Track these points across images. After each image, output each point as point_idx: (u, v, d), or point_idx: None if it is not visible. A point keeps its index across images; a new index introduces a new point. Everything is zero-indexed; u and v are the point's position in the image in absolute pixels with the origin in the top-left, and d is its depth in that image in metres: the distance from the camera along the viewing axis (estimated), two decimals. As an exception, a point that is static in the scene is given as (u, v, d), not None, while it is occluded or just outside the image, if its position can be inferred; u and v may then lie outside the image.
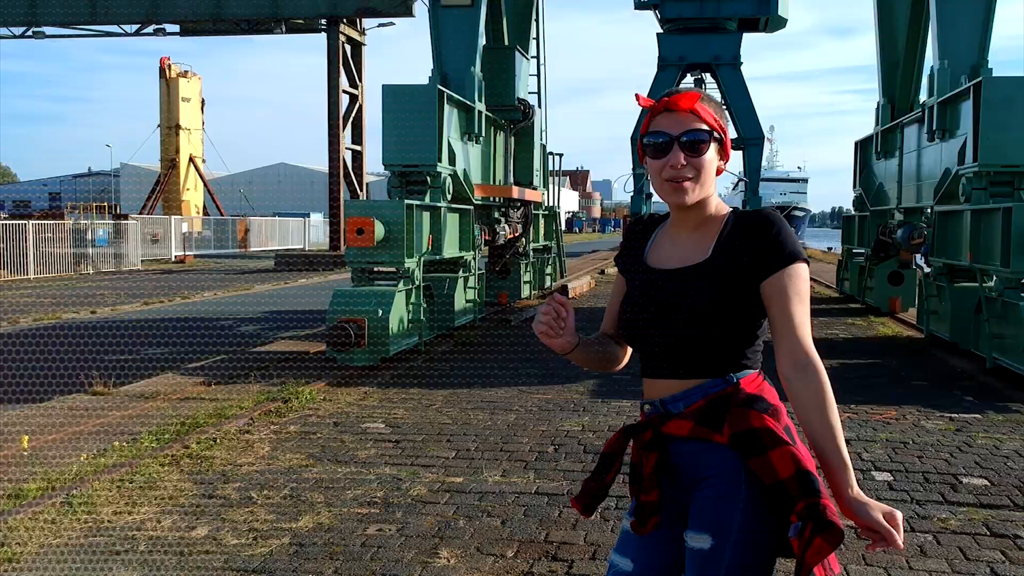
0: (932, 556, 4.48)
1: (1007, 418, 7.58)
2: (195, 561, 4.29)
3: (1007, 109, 9.84)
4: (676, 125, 2.10)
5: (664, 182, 2.13)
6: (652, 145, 2.13)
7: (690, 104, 2.10)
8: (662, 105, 2.13)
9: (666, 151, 2.10)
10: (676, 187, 2.11)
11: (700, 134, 2.10)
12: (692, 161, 2.10)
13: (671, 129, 2.10)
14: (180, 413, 7.23)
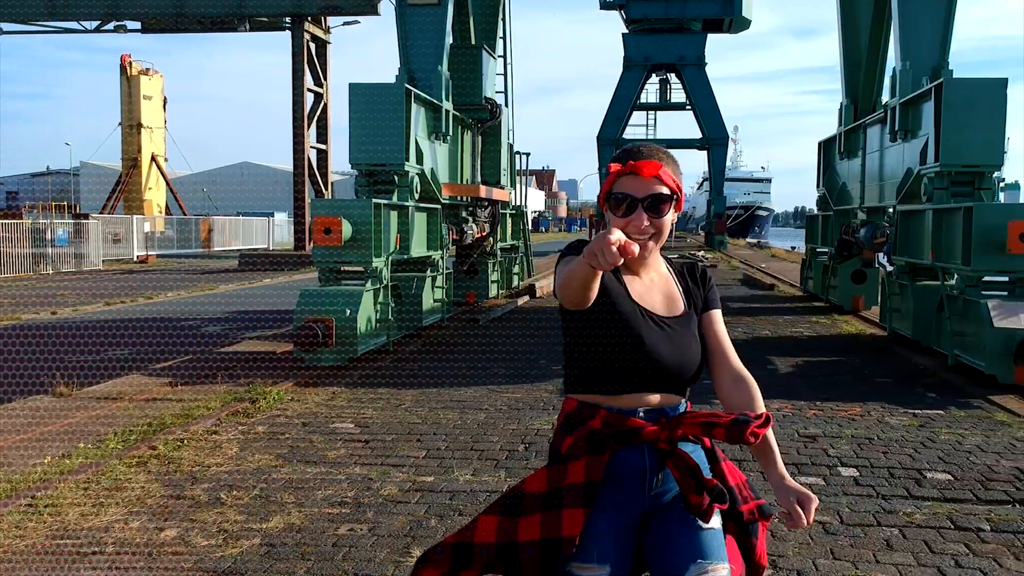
0: (898, 550, 4.55)
1: (969, 414, 7.71)
2: (165, 563, 4.24)
3: (968, 110, 9.98)
4: (641, 188, 2.31)
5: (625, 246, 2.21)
6: (617, 204, 2.34)
7: (654, 171, 2.30)
8: (627, 169, 2.32)
9: (630, 211, 2.31)
10: (640, 244, 2.33)
11: (663, 199, 2.33)
12: (654, 222, 2.33)
13: (636, 192, 2.31)
14: (146, 414, 7.14)
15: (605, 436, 2.31)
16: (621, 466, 2.32)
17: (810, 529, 2.36)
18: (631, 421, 2.32)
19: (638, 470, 2.33)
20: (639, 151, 2.37)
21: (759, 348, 11.53)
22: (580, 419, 2.38)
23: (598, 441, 2.31)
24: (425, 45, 12.97)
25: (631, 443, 2.31)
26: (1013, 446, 6.60)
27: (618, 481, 2.32)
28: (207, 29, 35.03)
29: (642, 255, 2.36)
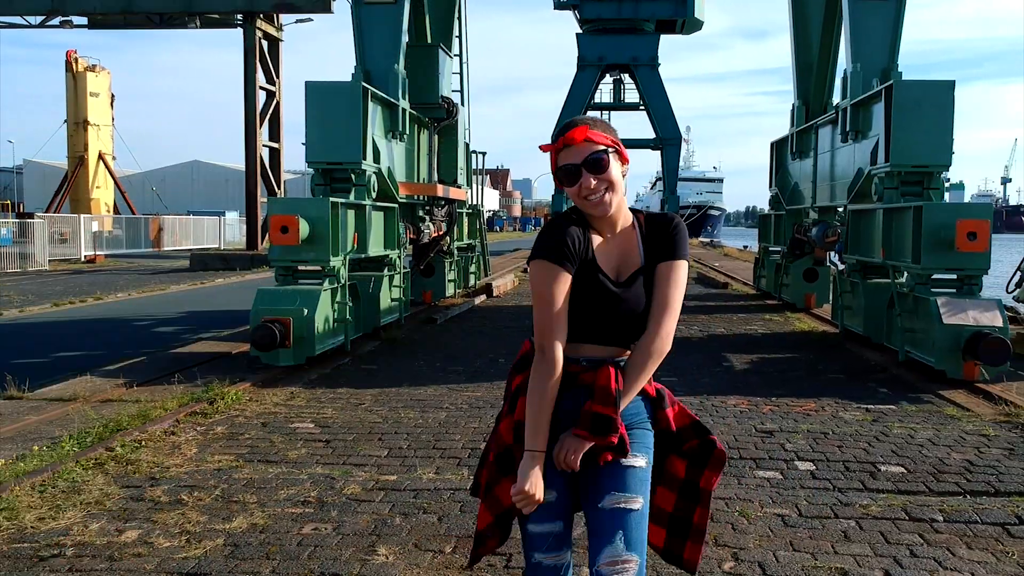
0: (855, 541, 4.65)
1: (920, 408, 7.89)
2: (127, 565, 4.19)
3: (917, 111, 10.18)
4: (577, 155, 2.57)
5: (584, 200, 2.60)
6: (564, 176, 2.60)
7: (583, 135, 2.57)
8: (561, 143, 2.59)
9: (577, 177, 2.57)
10: (596, 202, 2.59)
11: (599, 155, 2.57)
12: (600, 178, 2.57)
13: (574, 159, 2.57)
14: (102, 415, 7.01)
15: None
16: (563, 405, 2.61)
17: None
18: (572, 367, 2.62)
19: (575, 410, 2.60)
20: (567, 125, 2.61)
21: (714, 345, 11.66)
22: (530, 360, 2.64)
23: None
24: (381, 43, 12.91)
25: (571, 387, 2.61)
26: (963, 439, 6.77)
27: (561, 419, 2.61)
28: (156, 25, 34.37)
29: (605, 213, 2.61)
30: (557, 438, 2.60)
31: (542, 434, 2.58)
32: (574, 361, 2.63)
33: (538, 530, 2.63)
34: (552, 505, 2.61)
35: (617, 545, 2.52)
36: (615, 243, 2.67)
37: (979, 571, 4.24)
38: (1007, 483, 5.65)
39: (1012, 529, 4.82)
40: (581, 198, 2.60)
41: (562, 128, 2.62)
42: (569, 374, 2.61)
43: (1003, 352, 8.59)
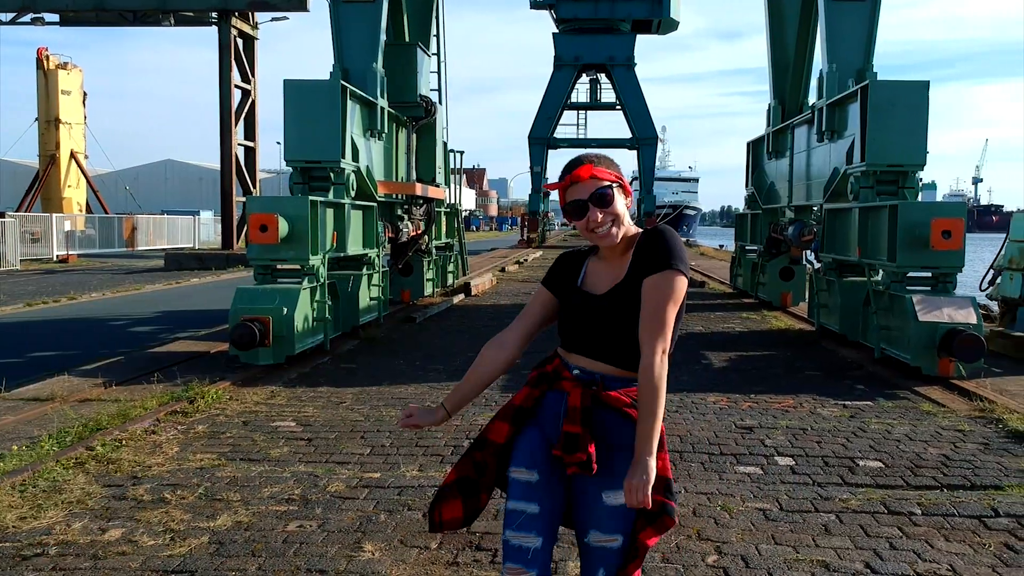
0: (836, 534, 4.71)
1: (896, 404, 7.99)
2: (111, 563, 4.17)
3: (892, 111, 10.29)
4: (584, 191, 2.72)
5: (592, 233, 2.75)
6: (572, 210, 2.75)
7: (588, 173, 2.72)
8: (568, 181, 2.74)
9: (584, 211, 2.72)
10: (604, 235, 2.73)
11: (604, 190, 2.72)
12: (606, 212, 2.71)
13: (581, 195, 2.72)
14: (81, 415, 6.95)
15: (547, 377, 2.82)
16: (547, 403, 2.79)
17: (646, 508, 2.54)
18: (565, 373, 2.79)
19: (556, 411, 2.76)
20: (571, 163, 2.78)
21: (693, 344, 11.74)
22: (548, 359, 2.87)
23: (540, 378, 2.83)
24: (360, 42, 12.88)
25: (554, 388, 2.79)
26: (939, 434, 6.87)
27: (544, 414, 2.79)
28: (130, 23, 34.06)
29: (611, 243, 2.75)
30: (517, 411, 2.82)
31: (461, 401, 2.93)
32: (567, 367, 2.80)
33: (512, 506, 2.73)
34: (532, 485, 2.73)
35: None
36: (612, 263, 2.81)
37: (957, 563, 4.31)
38: (983, 477, 5.74)
39: (988, 521, 4.90)
40: (588, 231, 2.75)
41: (568, 165, 2.77)
42: (559, 377, 2.80)
43: (977, 349, 8.71)
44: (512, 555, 2.69)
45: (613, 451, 2.68)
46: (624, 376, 2.73)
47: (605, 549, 2.67)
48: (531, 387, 2.84)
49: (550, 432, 2.76)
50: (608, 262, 2.81)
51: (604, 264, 2.82)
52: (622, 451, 2.65)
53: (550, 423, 2.77)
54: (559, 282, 2.89)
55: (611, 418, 2.70)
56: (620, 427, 2.68)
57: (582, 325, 2.76)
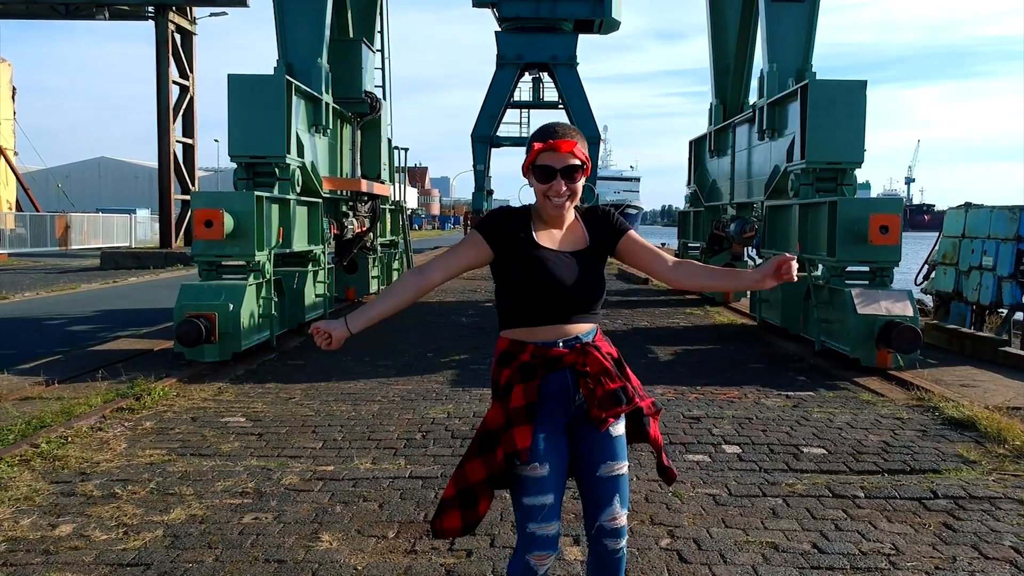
0: (784, 517, 4.84)
1: (836, 394, 8.20)
2: (64, 558, 4.11)
3: (831, 110, 10.55)
4: (558, 161, 2.92)
5: (547, 200, 2.95)
6: (540, 173, 2.93)
7: (569, 148, 2.92)
8: (548, 146, 2.91)
9: (551, 179, 2.92)
10: (559, 205, 2.95)
11: (576, 168, 2.94)
12: (569, 186, 2.94)
13: (555, 164, 2.92)
14: (23, 412, 6.80)
15: (535, 365, 2.90)
16: (550, 386, 2.92)
17: None
18: (553, 351, 2.92)
19: (562, 388, 2.93)
20: (555, 131, 2.96)
21: (638, 338, 11.89)
22: (513, 354, 2.95)
23: (529, 370, 2.90)
24: (304, 37, 12.76)
25: (555, 369, 2.91)
26: (879, 422, 7.07)
27: (548, 398, 2.92)
28: (62, 16, 33.20)
29: (560, 213, 2.98)
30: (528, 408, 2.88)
31: (364, 319, 2.95)
32: (551, 345, 2.94)
33: (532, 502, 2.88)
34: (545, 479, 2.88)
35: (615, 506, 2.94)
36: (561, 233, 3.04)
37: (899, 542, 4.47)
38: (921, 462, 5.93)
39: (928, 503, 5.08)
40: (546, 197, 2.94)
41: (549, 131, 2.97)
42: (551, 358, 2.92)
43: (914, 340, 8.99)
44: (539, 544, 2.89)
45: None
46: (590, 330, 2.99)
47: (618, 476, 2.95)
48: (523, 382, 2.90)
49: (560, 417, 2.95)
50: (555, 229, 3.03)
51: (553, 230, 3.03)
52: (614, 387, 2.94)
53: (559, 407, 2.95)
54: (503, 237, 2.98)
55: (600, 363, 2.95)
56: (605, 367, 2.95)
57: (556, 279, 2.90)
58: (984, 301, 11.49)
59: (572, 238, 3.02)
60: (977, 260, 11.68)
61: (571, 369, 2.92)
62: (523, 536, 2.91)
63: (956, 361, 10.06)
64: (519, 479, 2.90)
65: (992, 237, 11.41)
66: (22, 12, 32.86)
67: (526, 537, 2.90)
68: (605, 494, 2.93)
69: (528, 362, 2.91)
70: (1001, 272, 11.16)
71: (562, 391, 2.93)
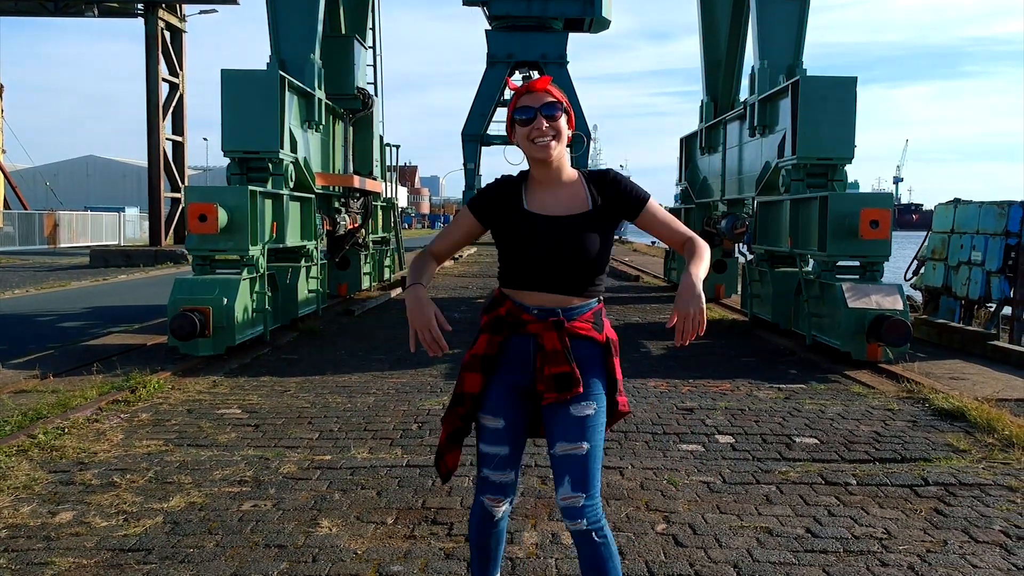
0: (777, 503, 4.90)
1: (828, 387, 8.28)
2: (65, 544, 4.13)
3: (821, 106, 10.62)
4: (536, 100, 2.89)
5: (531, 143, 2.89)
6: (520, 116, 2.90)
7: (544, 85, 2.91)
8: (524, 88, 2.92)
9: (532, 119, 2.88)
10: (543, 146, 2.87)
11: (555, 105, 2.90)
12: (551, 124, 2.88)
13: (533, 103, 2.89)
14: (19, 405, 6.82)
15: (505, 322, 2.95)
16: (512, 348, 2.96)
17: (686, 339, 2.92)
18: (524, 315, 2.93)
19: (523, 353, 2.96)
20: (531, 77, 2.81)
21: (631, 333, 11.96)
22: (497, 304, 3.00)
23: (499, 325, 2.96)
24: (297, 33, 12.78)
25: (518, 333, 2.94)
26: (870, 413, 7.15)
27: (508, 358, 2.97)
28: (51, 13, 33.09)
29: (547, 156, 2.89)
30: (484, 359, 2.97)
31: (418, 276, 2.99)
32: (525, 310, 2.94)
33: (488, 450, 3.00)
34: (500, 431, 2.97)
35: (566, 488, 2.87)
36: (560, 193, 2.96)
37: (891, 526, 4.53)
38: (912, 451, 6.01)
39: (919, 490, 5.15)
40: (529, 140, 2.89)
41: (525, 78, 2.88)
42: (519, 321, 2.94)
43: (904, 334, 9.07)
44: (492, 488, 3.02)
45: (581, 370, 2.91)
46: (579, 304, 2.94)
47: (571, 456, 2.88)
48: (490, 333, 2.97)
49: (519, 377, 2.97)
50: (551, 190, 2.96)
51: (548, 192, 2.96)
52: (587, 369, 2.93)
53: (518, 368, 2.97)
54: (492, 209, 3.00)
55: (575, 343, 2.92)
56: (584, 348, 2.93)
57: (543, 245, 2.87)
58: (973, 296, 11.60)
59: (570, 202, 2.94)
60: (966, 255, 11.78)
61: (534, 339, 2.93)
62: (480, 479, 3.03)
63: (945, 355, 10.15)
64: (479, 425, 3.00)
65: (981, 232, 11.52)
66: (10, 9, 32.72)
67: (481, 480, 3.02)
68: (559, 472, 2.91)
69: (502, 317, 2.96)
70: (990, 267, 11.27)
71: (522, 356, 2.95)
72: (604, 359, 2.99)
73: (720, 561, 4.05)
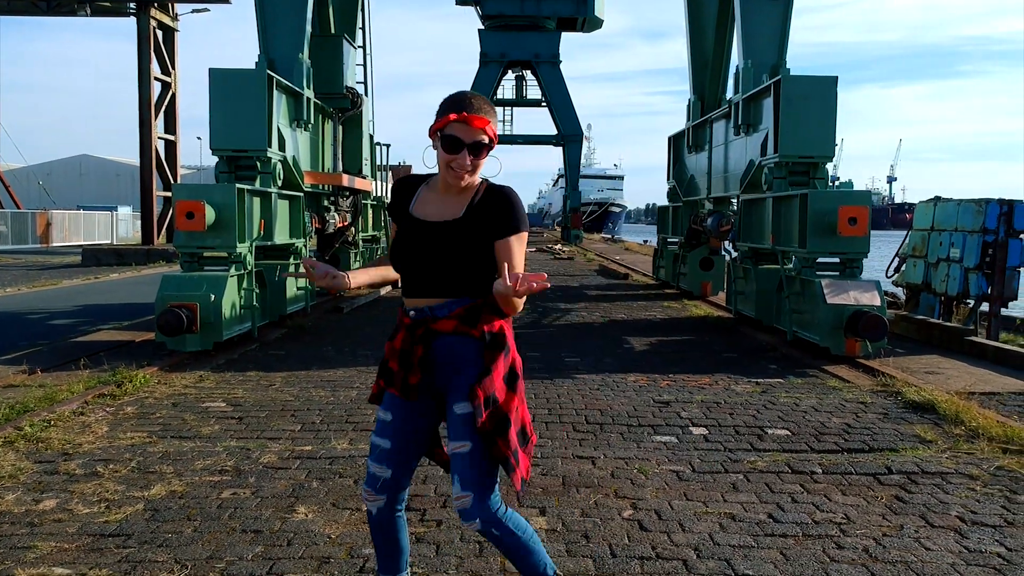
0: (743, 491, 5.05)
1: (805, 381, 8.43)
2: (48, 529, 4.26)
3: (803, 105, 10.76)
4: (467, 135, 2.91)
5: (449, 170, 2.95)
6: (447, 143, 2.92)
7: (482, 125, 2.91)
8: (461, 117, 2.89)
9: (457, 151, 2.91)
10: (459, 176, 2.95)
11: (483, 147, 2.95)
12: (473, 162, 2.94)
13: (464, 137, 2.91)
14: (6, 398, 6.92)
15: (398, 324, 3.10)
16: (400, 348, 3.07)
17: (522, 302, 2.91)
18: (405, 318, 3.07)
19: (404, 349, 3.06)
20: (470, 103, 2.92)
21: (615, 330, 12.09)
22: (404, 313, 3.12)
23: (394, 329, 3.12)
24: (286, 32, 12.89)
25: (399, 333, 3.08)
26: (843, 406, 7.30)
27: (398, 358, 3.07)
28: (43, 12, 33.16)
29: (459, 184, 2.98)
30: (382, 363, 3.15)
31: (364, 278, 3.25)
32: (405, 312, 3.08)
33: (373, 440, 3.15)
34: (386, 424, 3.11)
35: (456, 486, 2.98)
36: (448, 200, 3.05)
37: (851, 512, 4.67)
38: (880, 442, 6.15)
39: (882, 478, 5.29)
40: (448, 167, 2.95)
41: (464, 103, 2.91)
42: (401, 322, 3.09)
43: (881, 329, 9.22)
44: (368, 478, 3.15)
45: (459, 368, 2.99)
46: (449, 302, 2.99)
47: (457, 455, 2.97)
48: (390, 339, 3.13)
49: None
50: (441, 195, 3.05)
51: (436, 196, 3.06)
52: (465, 366, 2.98)
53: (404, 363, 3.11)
54: (396, 209, 3.15)
55: (448, 341, 2.99)
56: (458, 346, 2.99)
57: (412, 251, 3.00)
58: (952, 292, 11.76)
59: (449, 209, 3.00)
60: (945, 252, 11.94)
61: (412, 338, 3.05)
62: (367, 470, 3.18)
63: (924, 351, 10.31)
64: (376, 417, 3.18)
65: (959, 229, 11.67)
66: (3, 8, 32.75)
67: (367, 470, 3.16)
68: (452, 472, 2.99)
69: (402, 323, 3.09)
70: (968, 263, 11.42)
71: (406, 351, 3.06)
72: (481, 354, 2.99)
73: (682, 544, 4.19)
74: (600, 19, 43.73)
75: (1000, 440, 6.04)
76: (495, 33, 43.22)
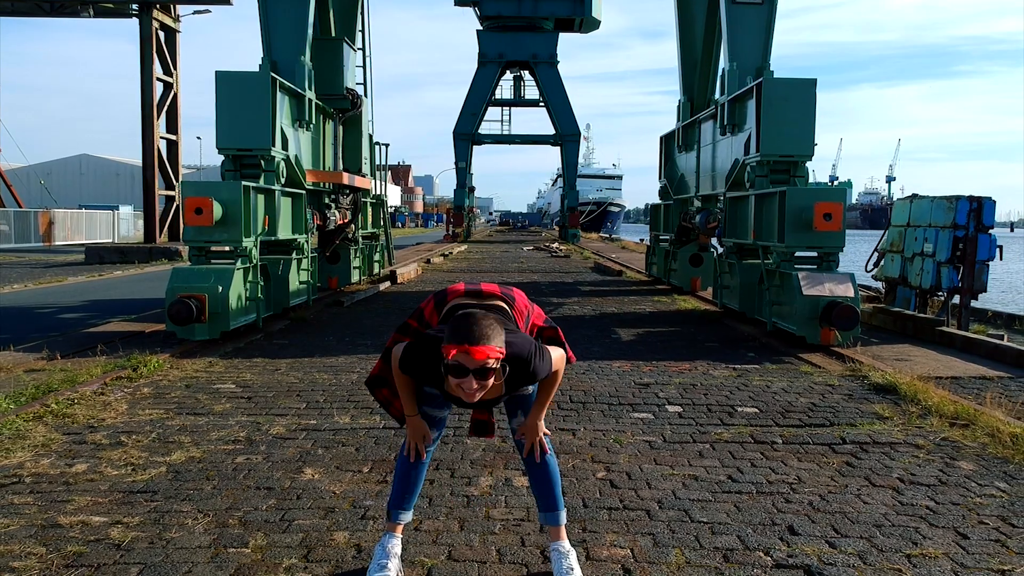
0: (708, 458, 5.56)
1: (779, 367, 8.94)
2: (82, 487, 4.77)
3: (783, 106, 11.29)
4: (471, 363, 3.07)
5: (461, 391, 3.16)
6: (454, 371, 3.10)
7: (482, 357, 3.06)
8: (462, 350, 3.05)
9: (463, 376, 3.10)
10: (469, 397, 3.16)
11: (488, 371, 3.11)
12: (481, 383, 3.13)
13: (468, 364, 3.07)
14: (32, 379, 7.45)
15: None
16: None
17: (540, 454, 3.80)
18: None
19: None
20: (471, 334, 3.05)
21: (605, 322, 12.60)
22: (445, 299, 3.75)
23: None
24: (288, 35, 13.41)
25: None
26: (811, 388, 7.81)
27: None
28: (46, 13, 33.65)
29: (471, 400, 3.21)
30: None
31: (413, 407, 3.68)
32: None
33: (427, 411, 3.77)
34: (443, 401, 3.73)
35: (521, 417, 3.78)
36: None
37: (803, 475, 5.19)
38: (840, 418, 6.67)
39: (836, 447, 5.81)
40: (459, 388, 3.15)
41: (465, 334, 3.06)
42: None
43: (852, 318, 9.74)
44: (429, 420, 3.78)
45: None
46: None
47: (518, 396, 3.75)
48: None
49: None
50: None
51: None
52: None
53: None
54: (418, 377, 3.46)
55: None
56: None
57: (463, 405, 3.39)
58: (925, 285, 12.28)
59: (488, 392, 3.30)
60: (919, 247, 12.46)
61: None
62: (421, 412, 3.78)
63: (898, 340, 10.82)
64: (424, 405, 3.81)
65: (932, 225, 12.19)
66: (7, 9, 33.23)
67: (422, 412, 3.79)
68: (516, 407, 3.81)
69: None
70: (940, 258, 11.94)
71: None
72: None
73: (647, 499, 4.71)
74: (597, 20, 44.26)
75: (950, 416, 6.56)
76: (493, 34, 43.76)
